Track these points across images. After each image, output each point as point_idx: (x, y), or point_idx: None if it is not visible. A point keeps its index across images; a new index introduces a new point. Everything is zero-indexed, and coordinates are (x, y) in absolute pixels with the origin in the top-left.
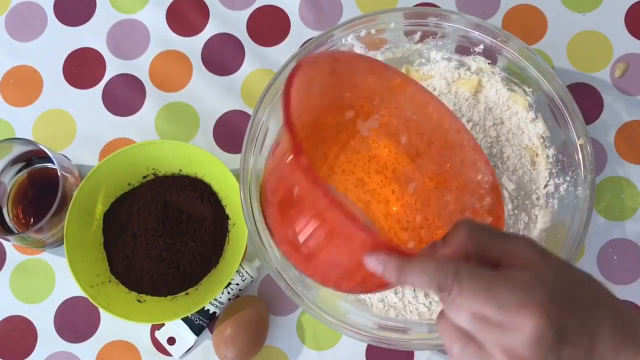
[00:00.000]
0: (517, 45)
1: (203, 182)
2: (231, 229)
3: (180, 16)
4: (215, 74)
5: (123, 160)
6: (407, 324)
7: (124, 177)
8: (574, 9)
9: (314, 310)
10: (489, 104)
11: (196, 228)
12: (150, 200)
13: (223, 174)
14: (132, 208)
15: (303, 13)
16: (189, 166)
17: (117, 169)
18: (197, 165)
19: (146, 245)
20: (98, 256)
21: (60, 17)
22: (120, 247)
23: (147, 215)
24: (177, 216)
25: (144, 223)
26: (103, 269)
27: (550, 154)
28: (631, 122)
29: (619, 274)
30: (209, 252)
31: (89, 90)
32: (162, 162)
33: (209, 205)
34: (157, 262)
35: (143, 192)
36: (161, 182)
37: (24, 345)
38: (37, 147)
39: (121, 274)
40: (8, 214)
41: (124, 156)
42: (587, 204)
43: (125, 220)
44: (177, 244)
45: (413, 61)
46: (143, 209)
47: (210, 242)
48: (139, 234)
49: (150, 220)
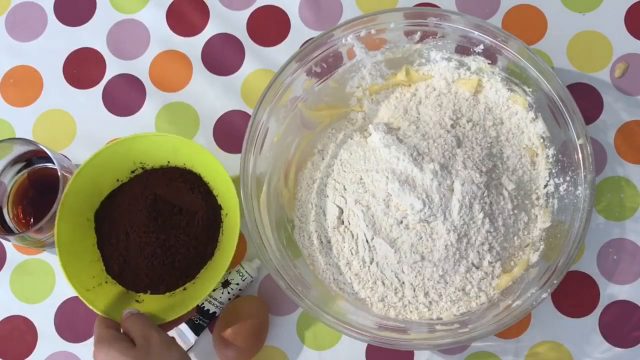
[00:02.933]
0: (517, 45)
1: (193, 172)
2: (224, 219)
3: (180, 16)
4: (215, 74)
5: (108, 157)
6: (407, 324)
7: (111, 174)
8: (574, 9)
9: (314, 310)
10: (489, 104)
11: (189, 221)
12: (140, 195)
13: (211, 163)
14: (122, 205)
15: (303, 13)
16: (177, 157)
17: (104, 167)
18: (184, 156)
19: (140, 243)
20: (93, 257)
21: (60, 17)
22: (114, 246)
23: (138, 211)
24: (169, 210)
25: (136, 219)
26: (99, 270)
27: (550, 154)
28: (631, 122)
29: (619, 274)
30: (204, 245)
31: (89, 90)
32: (149, 155)
33: (200, 197)
34: (152, 259)
35: (132, 187)
36: (150, 176)
37: (24, 345)
38: (37, 147)
39: (117, 274)
40: (8, 214)
41: (109, 153)
42: (587, 204)
43: (117, 218)
44: (170, 239)
45: (413, 61)
46: (134, 205)
47: (204, 234)
48: (131, 232)
49: (141, 216)
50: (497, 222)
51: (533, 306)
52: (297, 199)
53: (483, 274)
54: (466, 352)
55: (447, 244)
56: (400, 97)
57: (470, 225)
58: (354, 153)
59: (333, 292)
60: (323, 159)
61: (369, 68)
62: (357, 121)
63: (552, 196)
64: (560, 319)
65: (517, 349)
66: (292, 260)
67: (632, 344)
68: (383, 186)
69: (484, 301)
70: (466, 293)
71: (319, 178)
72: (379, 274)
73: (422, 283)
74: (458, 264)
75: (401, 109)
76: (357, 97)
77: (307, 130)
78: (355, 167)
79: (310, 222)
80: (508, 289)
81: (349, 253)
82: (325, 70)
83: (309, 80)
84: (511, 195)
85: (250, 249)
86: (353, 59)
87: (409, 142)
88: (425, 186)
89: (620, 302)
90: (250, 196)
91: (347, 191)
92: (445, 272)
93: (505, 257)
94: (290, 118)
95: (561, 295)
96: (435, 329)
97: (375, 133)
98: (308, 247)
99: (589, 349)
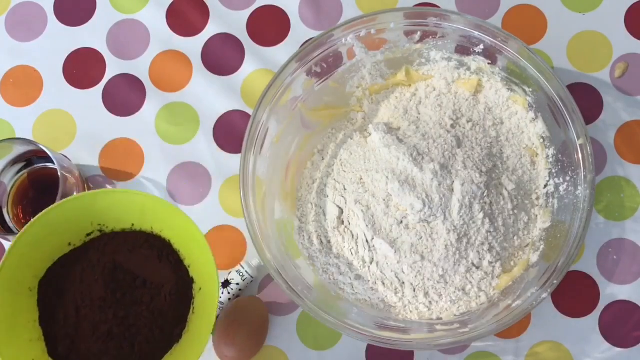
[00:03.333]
0: (517, 45)
1: (161, 238)
2: (196, 294)
3: (180, 16)
4: (215, 74)
5: (61, 215)
6: (407, 324)
7: (63, 236)
8: (574, 9)
9: (314, 310)
10: (489, 104)
11: (153, 295)
12: (97, 263)
13: (185, 226)
14: (73, 274)
15: (303, 13)
16: (143, 220)
17: (54, 227)
18: (152, 217)
19: (92, 320)
20: (33, 335)
21: (60, 17)
22: (60, 324)
23: (92, 281)
24: (130, 281)
25: (89, 292)
26: (39, 352)
27: (550, 154)
28: (631, 122)
29: (619, 274)
30: (170, 325)
31: (89, 90)
32: (110, 215)
33: (169, 267)
34: (107, 341)
35: (87, 253)
36: (109, 241)
37: None
38: (37, 147)
39: (62, 357)
40: (8, 213)
41: (63, 210)
42: (587, 204)
43: (65, 289)
44: (130, 317)
45: (413, 61)
46: (87, 275)
47: (171, 312)
48: (82, 306)
49: (96, 287)
50: (497, 222)
51: (533, 306)
52: (297, 199)
53: (483, 274)
54: (466, 352)
55: (447, 244)
56: (400, 97)
57: (470, 225)
58: (354, 153)
59: (333, 292)
60: (323, 159)
61: (369, 68)
62: (357, 121)
63: (552, 196)
64: (560, 319)
65: (517, 349)
66: (292, 260)
67: (632, 344)
68: (383, 186)
69: (484, 301)
70: (466, 293)
71: (319, 178)
72: (379, 274)
73: (422, 283)
74: (458, 264)
75: (401, 109)
76: (357, 97)
77: (307, 130)
78: (355, 167)
79: (310, 222)
80: (508, 289)
81: (349, 253)
82: (325, 70)
83: (309, 80)
84: (511, 195)
85: (250, 249)
86: (353, 59)
87: (409, 142)
88: (425, 186)
89: (620, 302)
90: (250, 196)
91: (347, 191)
92: (445, 272)
93: (505, 257)
94: (290, 118)
95: (561, 295)
96: (435, 329)
97: (375, 133)
98: (308, 247)
99: (589, 349)
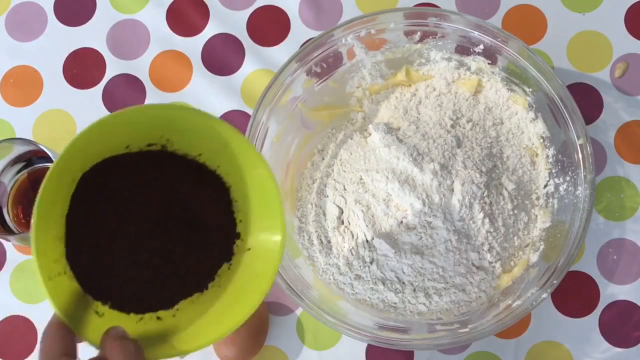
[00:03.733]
0: (517, 45)
1: (222, 181)
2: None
3: (180, 16)
4: (215, 74)
5: (133, 118)
6: (407, 324)
7: (123, 136)
8: (574, 9)
9: (314, 310)
10: (489, 104)
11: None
12: (153, 181)
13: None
14: (126, 180)
15: (303, 13)
16: (215, 155)
17: (120, 127)
18: (227, 156)
19: (135, 241)
20: (58, 232)
21: (60, 17)
22: (91, 228)
23: (146, 198)
24: (187, 217)
25: (138, 207)
26: (59, 254)
27: (550, 154)
28: (631, 122)
29: (619, 274)
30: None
31: (89, 90)
32: (181, 136)
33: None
34: (142, 270)
35: (144, 164)
36: (171, 162)
37: (24, 345)
38: (37, 147)
39: (82, 267)
40: (8, 213)
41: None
42: (587, 204)
43: (111, 193)
44: (176, 255)
45: (413, 61)
46: (141, 188)
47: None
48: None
49: (151, 207)
50: (497, 222)
51: (533, 306)
52: (296, 199)
53: (483, 274)
54: (466, 352)
55: (447, 244)
56: (400, 97)
57: (470, 225)
58: (354, 153)
59: (333, 292)
60: (323, 159)
61: (369, 68)
62: (357, 121)
63: (552, 196)
64: (560, 319)
65: (517, 349)
66: (292, 260)
67: (632, 344)
68: (383, 186)
69: (484, 301)
70: (466, 293)
71: (318, 178)
72: (379, 274)
73: (422, 283)
74: (458, 264)
75: (401, 109)
76: (357, 97)
77: (307, 130)
78: (355, 167)
79: (310, 222)
80: (508, 289)
81: (349, 253)
82: (325, 70)
83: (309, 80)
84: (511, 195)
85: None
86: (353, 59)
87: (409, 142)
88: (425, 186)
89: (620, 302)
90: None
91: (347, 191)
92: (445, 272)
93: (505, 257)
94: (290, 118)
95: (561, 295)
96: (435, 329)
97: (375, 133)
98: (308, 247)
99: (589, 349)
